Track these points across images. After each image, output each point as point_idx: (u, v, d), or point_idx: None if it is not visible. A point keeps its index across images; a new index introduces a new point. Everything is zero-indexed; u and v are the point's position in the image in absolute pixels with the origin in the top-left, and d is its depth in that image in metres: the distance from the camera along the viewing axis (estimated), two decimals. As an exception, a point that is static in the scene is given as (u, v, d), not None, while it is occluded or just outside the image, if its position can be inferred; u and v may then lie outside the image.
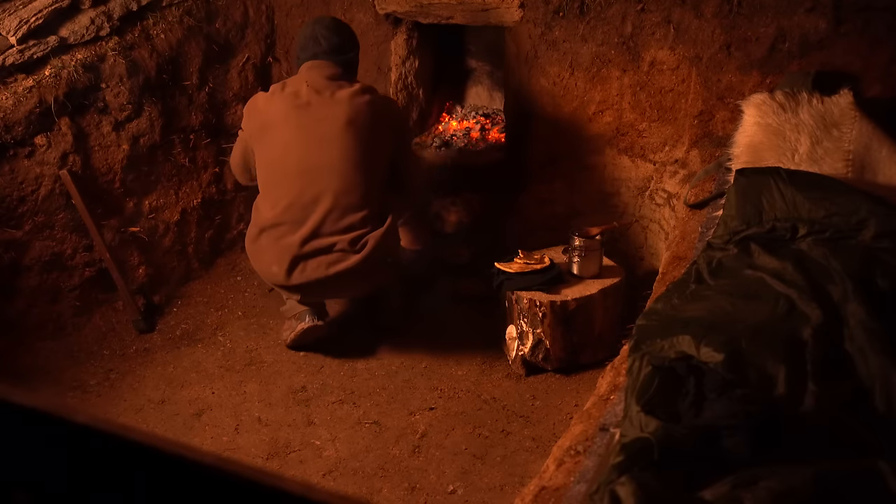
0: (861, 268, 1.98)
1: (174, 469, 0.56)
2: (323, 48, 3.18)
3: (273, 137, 3.11)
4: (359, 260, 3.03)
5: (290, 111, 3.09)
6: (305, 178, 3.05)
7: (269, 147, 3.13)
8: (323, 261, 3.04)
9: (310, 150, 3.06)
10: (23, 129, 3.24)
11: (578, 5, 3.45)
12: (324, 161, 3.05)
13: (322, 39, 3.18)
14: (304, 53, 3.22)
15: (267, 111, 3.14)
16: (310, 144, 3.07)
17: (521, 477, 2.53)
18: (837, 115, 2.61)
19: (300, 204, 3.05)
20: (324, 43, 3.18)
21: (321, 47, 3.18)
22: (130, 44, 3.60)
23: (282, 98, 3.12)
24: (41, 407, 0.57)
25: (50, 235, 3.33)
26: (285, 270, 3.06)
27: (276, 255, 3.07)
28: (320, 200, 3.04)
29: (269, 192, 3.13)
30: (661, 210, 3.41)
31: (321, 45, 3.18)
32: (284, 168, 3.09)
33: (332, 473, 2.61)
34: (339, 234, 3.04)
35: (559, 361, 3.04)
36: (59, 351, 3.26)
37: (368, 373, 3.13)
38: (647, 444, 1.39)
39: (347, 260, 3.03)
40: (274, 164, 3.12)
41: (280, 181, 3.10)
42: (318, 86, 3.12)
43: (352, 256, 3.03)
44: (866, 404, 1.57)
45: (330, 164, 3.05)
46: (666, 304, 1.99)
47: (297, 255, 3.04)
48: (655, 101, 3.42)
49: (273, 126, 3.11)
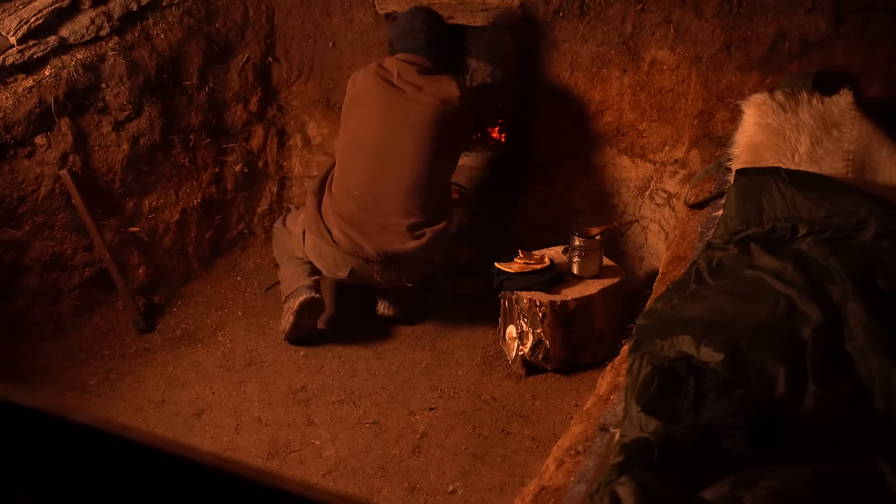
0: (861, 268, 1.98)
1: (174, 469, 0.56)
2: (421, 42, 3.26)
3: (360, 110, 3.24)
4: (415, 247, 3.10)
5: (380, 90, 3.21)
6: (380, 155, 3.17)
7: (354, 118, 3.26)
8: (381, 239, 3.10)
9: (390, 131, 3.18)
10: (23, 129, 3.24)
11: (578, 5, 3.45)
12: (400, 146, 3.16)
13: (420, 34, 3.27)
14: (399, 45, 3.31)
15: (360, 86, 3.27)
16: (390, 126, 3.18)
17: (521, 477, 2.53)
18: (837, 115, 2.61)
19: (371, 176, 3.16)
20: (422, 38, 3.27)
21: (419, 41, 3.27)
22: (130, 44, 3.60)
23: (376, 77, 3.23)
24: (41, 407, 0.57)
25: (50, 235, 3.33)
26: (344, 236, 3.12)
27: (335, 218, 3.16)
28: (389, 180, 3.14)
29: (344, 159, 3.25)
30: (661, 210, 3.41)
31: (419, 39, 3.27)
32: (363, 141, 3.20)
33: (332, 473, 2.61)
34: (400, 217, 3.12)
35: (559, 361, 3.04)
36: (59, 351, 3.26)
37: (368, 373, 3.13)
38: (647, 444, 1.39)
39: (404, 244, 3.10)
40: (355, 135, 3.23)
41: (356, 151, 3.21)
42: (410, 77, 3.22)
43: (409, 242, 3.10)
44: (866, 404, 1.57)
45: (405, 151, 3.15)
46: (666, 304, 1.99)
47: (356, 225, 3.12)
48: (655, 101, 3.42)
49: (362, 100, 3.24)
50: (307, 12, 3.99)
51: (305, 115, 4.13)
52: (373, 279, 3.23)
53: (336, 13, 3.92)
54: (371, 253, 3.11)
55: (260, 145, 4.09)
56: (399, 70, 3.25)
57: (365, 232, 3.13)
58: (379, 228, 3.13)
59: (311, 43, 4.02)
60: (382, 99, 3.20)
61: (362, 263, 3.15)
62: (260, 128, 4.08)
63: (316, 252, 3.24)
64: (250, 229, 4.07)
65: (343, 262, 3.18)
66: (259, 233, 4.07)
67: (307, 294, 3.16)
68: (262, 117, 4.09)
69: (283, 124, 4.15)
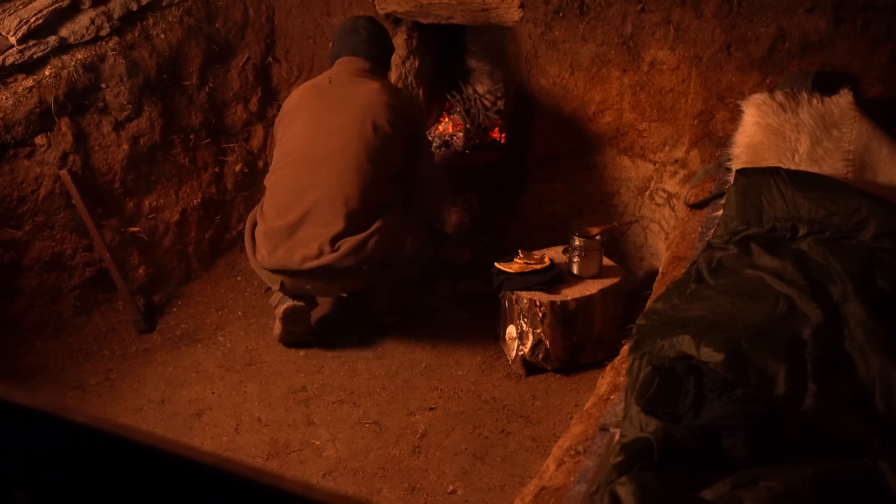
0: (861, 268, 1.98)
1: (174, 469, 0.56)
2: (362, 37, 3.26)
3: (288, 125, 3.24)
4: (329, 261, 3.04)
5: (306, 101, 3.21)
6: (304, 165, 3.13)
7: (283, 134, 3.25)
8: (300, 253, 3.07)
9: (315, 139, 3.14)
10: (23, 129, 3.24)
11: (578, 5, 3.45)
12: (324, 152, 3.11)
13: (362, 30, 3.28)
14: (340, 45, 3.31)
15: (289, 102, 3.29)
16: (316, 133, 3.15)
17: (521, 477, 2.53)
18: (837, 115, 2.62)
19: (295, 190, 3.12)
20: (363, 33, 3.27)
21: (360, 37, 3.27)
22: (130, 44, 3.60)
23: (303, 89, 3.25)
24: (41, 407, 0.57)
25: (50, 235, 3.33)
26: (268, 252, 3.11)
27: (262, 236, 3.16)
28: (312, 190, 3.09)
29: (273, 177, 3.23)
30: (661, 210, 3.41)
31: (360, 34, 3.27)
32: (292, 154, 3.18)
33: (332, 473, 2.61)
34: (321, 227, 3.07)
35: (559, 361, 3.04)
36: (59, 351, 3.26)
37: (368, 373, 3.13)
38: (647, 444, 1.39)
39: (321, 258, 3.05)
40: (283, 150, 3.22)
41: (285, 165, 3.19)
42: (341, 79, 3.20)
43: (326, 255, 3.05)
44: (866, 404, 1.57)
45: (329, 156, 3.10)
46: (666, 304, 1.99)
47: (280, 240, 3.10)
48: (655, 101, 3.42)
49: (290, 115, 3.24)
50: (307, 12, 3.99)
51: (305, 115, 4.13)
52: (305, 290, 3.21)
53: (336, 13, 3.92)
54: (296, 262, 3.07)
55: (260, 145, 4.09)
56: (332, 76, 3.24)
57: (289, 245, 3.09)
58: (301, 241, 3.07)
59: (311, 43, 4.02)
60: (311, 109, 3.18)
61: (291, 278, 3.14)
62: (260, 128, 4.08)
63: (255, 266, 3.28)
64: (250, 229, 4.07)
65: (273, 277, 3.18)
66: (259, 233, 4.07)
67: (289, 302, 3.18)
68: (262, 117, 4.09)
69: (283, 124, 4.15)
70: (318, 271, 3.07)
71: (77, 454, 0.57)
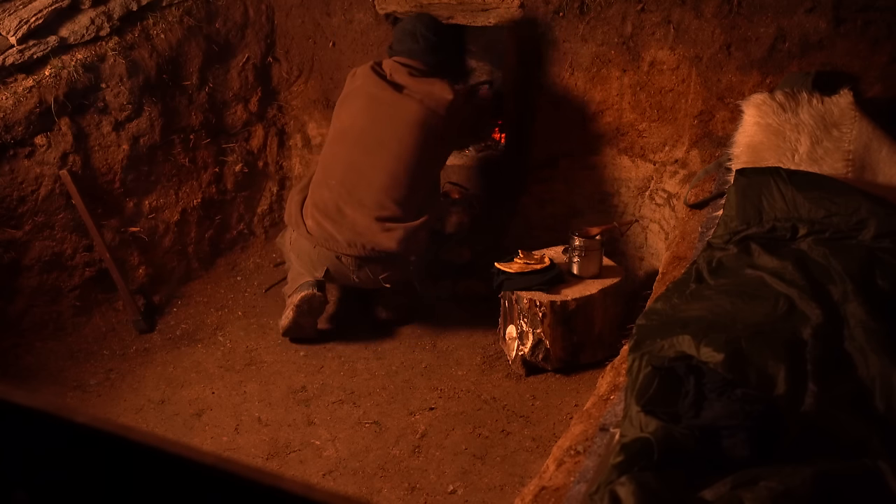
0: (861, 268, 1.98)
1: (174, 469, 0.56)
2: (420, 46, 3.28)
3: (351, 104, 3.28)
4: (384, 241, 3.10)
5: (371, 85, 3.24)
6: (362, 145, 3.19)
7: (344, 111, 3.30)
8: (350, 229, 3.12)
9: (374, 124, 3.20)
10: (23, 129, 3.24)
11: (578, 5, 3.45)
12: (383, 138, 3.18)
13: (420, 38, 3.29)
14: (398, 46, 3.33)
15: (356, 82, 3.31)
16: (376, 119, 3.21)
17: (521, 477, 2.53)
18: (837, 115, 2.62)
19: (349, 165, 3.18)
20: (421, 41, 3.29)
21: (417, 45, 3.29)
22: (130, 44, 3.60)
23: (371, 72, 3.27)
24: (41, 407, 0.57)
25: (50, 235, 3.33)
26: (313, 225, 3.16)
27: (311, 208, 3.20)
28: (367, 170, 3.16)
29: (327, 151, 3.29)
30: (661, 210, 3.41)
31: (418, 42, 3.29)
32: (348, 132, 3.23)
33: (332, 473, 2.61)
34: (373, 208, 3.12)
35: (559, 361, 3.04)
36: (59, 351, 3.26)
37: (368, 373, 3.13)
38: (647, 444, 1.39)
39: (374, 236, 3.10)
40: (341, 127, 3.27)
41: (340, 142, 3.25)
42: (401, 78, 3.24)
43: (378, 235, 3.10)
44: (866, 404, 1.57)
45: (387, 144, 3.17)
46: (666, 304, 1.99)
47: (328, 212, 3.15)
48: (655, 101, 3.42)
49: (355, 94, 3.28)
50: (307, 12, 3.99)
51: (305, 115, 4.13)
52: (350, 279, 3.23)
53: (336, 13, 3.92)
54: (342, 244, 3.12)
55: (260, 145, 4.09)
56: (391, 70, 3.28)
57: (337, 222, 3.14)
58: (351, 218, 3.14)
59: (311, 43, 4.02)
60: (373, 93, 3.24)
61: (337, 263, 3.16)
62: (260, 128, 4.08)
63: (296, 250, 3.27)
64: (250, 229, 4.07)
65: (318, 260, 3.19)
66: (259, 233, 4.07)
67: (308, 290, 3.16)
68: (262, 117, 4.09)
69: (283, 124, 4.15)
70: (369, 253, 3.13)
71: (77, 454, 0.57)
